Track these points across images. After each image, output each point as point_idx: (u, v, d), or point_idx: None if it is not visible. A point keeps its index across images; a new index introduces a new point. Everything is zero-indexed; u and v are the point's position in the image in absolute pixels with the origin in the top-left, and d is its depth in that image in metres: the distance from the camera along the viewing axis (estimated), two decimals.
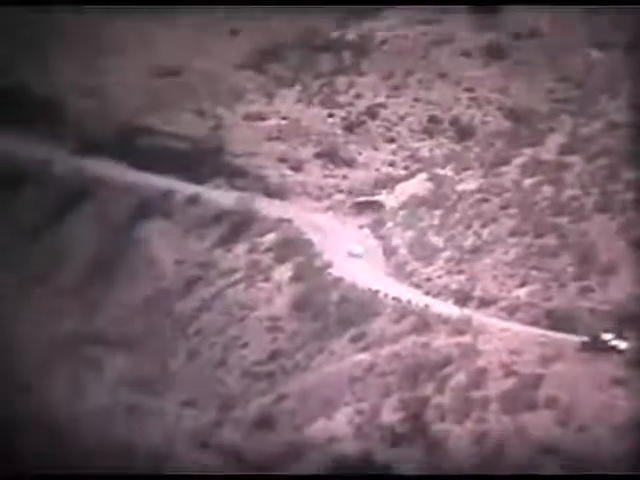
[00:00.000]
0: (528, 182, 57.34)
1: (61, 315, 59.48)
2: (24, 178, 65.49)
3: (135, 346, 56.81)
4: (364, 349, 50.42)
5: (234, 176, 61.51)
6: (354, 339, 51.01)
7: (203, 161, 62.77)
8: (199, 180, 62.15)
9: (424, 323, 49.77)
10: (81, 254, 61.67)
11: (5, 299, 60.52)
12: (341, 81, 65.50)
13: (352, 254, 60.04)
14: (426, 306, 51.11)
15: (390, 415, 47.25)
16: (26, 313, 59.68)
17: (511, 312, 50.85)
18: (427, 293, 53.24)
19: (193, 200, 60.43)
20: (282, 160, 61.59)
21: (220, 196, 60.84)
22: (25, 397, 57.39)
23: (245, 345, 53.75)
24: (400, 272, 55.13)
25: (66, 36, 73.78)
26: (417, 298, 52.35)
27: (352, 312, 51.97)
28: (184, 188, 61.52)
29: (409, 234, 56.83)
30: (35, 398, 56.87)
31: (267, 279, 55.42)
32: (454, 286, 52.68)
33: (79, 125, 67.69)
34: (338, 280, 53.57)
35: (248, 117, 63.92)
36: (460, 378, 46.58)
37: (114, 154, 65.60)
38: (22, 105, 69.70)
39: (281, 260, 55.80)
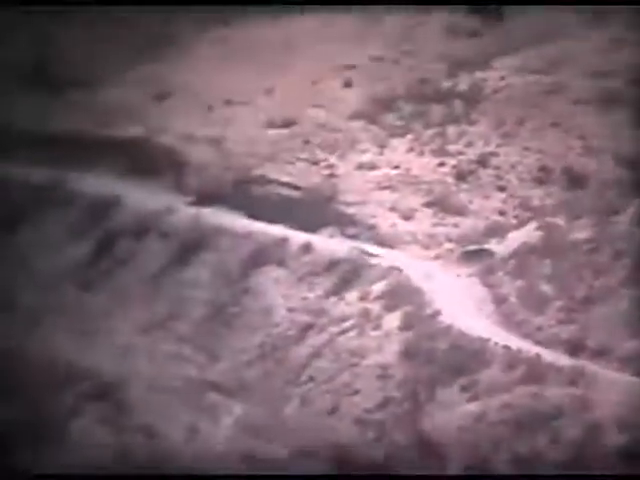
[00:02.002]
0: None
1: (180, 362, 58.76)
2: (148, 227, 65.23)
3: (249, 393, 55.60)
4: (474, 398, 47.84)
5: (345, 224, 59.72)
6: (464, 388, 48.45)
7: (316, 210, 61.35)
8: (312, 228, 60.47)
9: (535, 373, 47.00)
10: (199, 301, 60.82)
11: (127, 346, 60.18)
12: (452, 130, 63.12)
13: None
14: (537, 355, 48.10)
15: (501, 466, 45.56)
16: (148, 360, 59.23)
17: (624, 363, 47.81)
18: (538, 342, 50.22)
19: (306, 248, 58.65)
20: (393, 209, 59.51)
21: (332, 244, 59.08)
22: (145, 441, 57.11)
23: (356, 392, 51.95)
24: (510, 321, 52.28)
25: (189, 86, 73.81)
26: (527, 347, 49.43)
27: (462, 361, 49.49)
28: (297, 236, 59.81)
29: (519, 283, 54.41)
30: (155, 442, 56.38)
31: (377, 327, 53.22)
32: (565, 336, 49.84)
33: (199, 175, 67.36)
34: (448, 328, 51.03)
35: (360, 166, 62.06)
36: (573, 431, 44.09)
37: (231, 203, 64.97)
38: (146, 154, 69.97)
39: (391, 308, 53.54)
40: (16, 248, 66.98)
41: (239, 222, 61.98)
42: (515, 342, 50.19)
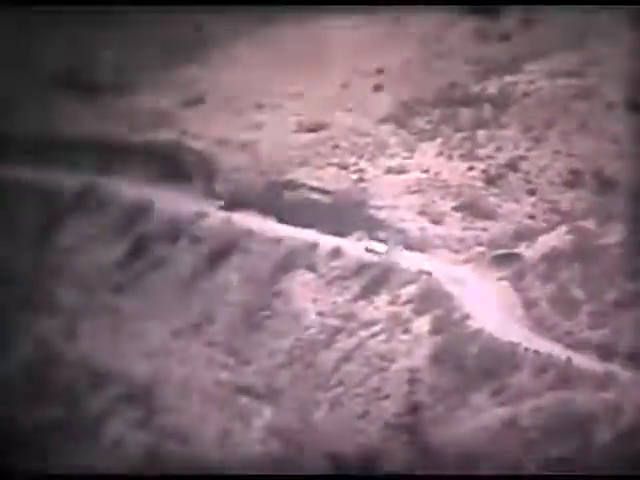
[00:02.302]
0: None
1: (211, 365, 58.64)
2: (180, 232, 65.06)
3: (280, 397, 55.39)
4: (504, 403, 47.46)
5: (375, 229, 59.17)
6: (494, 392, 48.02)
7: (346, 214, 60.94)
8: (342, 233, 60.16)
9: (566, 377, 46.57)
10: (230, 305, 60.73)
11: (159, 349, 60.15)
12: (481, 134, 62.40)
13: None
14: (568, 360, 47.63)
15: (532, 472, 45.55)
16: (180, 363, 59.19)
17: None
18: (568, 347, 49.51)
19: (336, 253, 58.42)
20: (422, 213, 58.95)
21: (361, 249, 58.42)
22: (177, 444, 57.11)
23: (386, 397, 51.64)
24: (540, 325, 51.59)
25: (221, 91, 73.67)
26: (558, 352, 48.83)
27: (492, 365, 49.01)
28: (327, 241, 59.61)
29: (549, 287, 53.70)
30: (187, 445, 56.41)
31: (407, 331, 52.93)
32: (596, 340, 49.21)
33: (230, 179, 67.23)
34: (478, 332, 50.62)
35: (390, 170, 61.56)
36: (604, 436, 43.86)
37: (262, 208, 64.63)
38: (178, 159, 69.89)
39: (421, 312, 53.23)
40: (53, 252, 67.36)
41: (269, 226, 61.89)
42: (546, 346, 49.68)
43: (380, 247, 59.36)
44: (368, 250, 59.55)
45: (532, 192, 59.65)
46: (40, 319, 63.82)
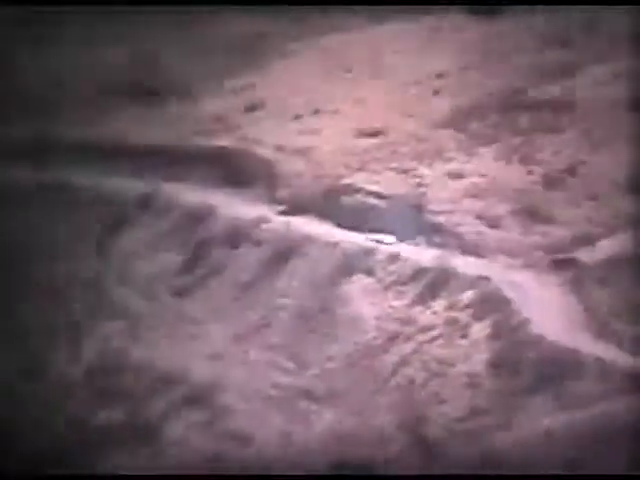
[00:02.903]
0: None
1: (271, 369, 58.18)
2: (241, 236, 64.66)
3: (339, 400, 54.72)
4: (564, 409, 46.38)
5: (432, 233, 58.31)
6: (554, 398, 47.03)
7: (404, 219, 60.11)
8: (399, 237, 59.17)
9: (628, 384, 45.26)
10: (289, 309, 60.21)
11: (220, 352, 59.84)
12: (540, 138, 61.28)
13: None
14: (630, 366, 46.27)
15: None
16: (241, 367, 58.73)
17: None
18: (631, 353, 48.04)
19: (394, 257, 57.59)
20: (480, 217, 57.79)
21: (419, 253, 57.71)
22: (238, 446, 56.76)
23: (445, 401, 50.84)
24: (602, 331, 50.25)
25: (281, 96, 73.31)
26: (620, 358, 47.59)
27: (552, 371, 47.99)
28: (385, 245, 58.79)
29: (610, 292, 52.30)
30: (250, 450, 55.83)
31: (465, 336, 52.10)
32: None
33: (290, 184, 66.65)
34: (537, 338, 49.48)
35: (448, 175, 60.63)
36: None
37: (321, 212, 63.88)
38: (239, 164, 69.58)
39: (479, 317, 52.28)
40: (117, 256, 67.56)
41: (328, 231, 61.35)
42: (607, 353, 48.36)
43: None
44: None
45: (592, 197, 58.23)
46: (104, 323, 64.14)
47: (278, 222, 63.33)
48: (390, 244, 59.53)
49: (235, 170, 68.53)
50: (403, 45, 74.84)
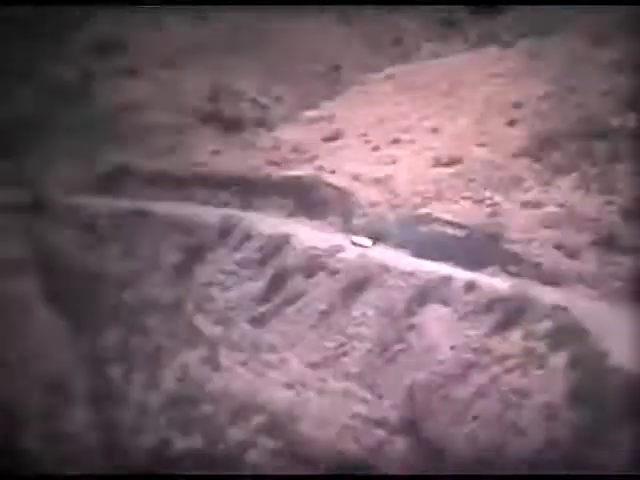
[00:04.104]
0: None
1: (348, 398, 57.96)
2: (317, 266, 64.16)
3: (415, 430, 54.38)
4: None
5: (509, 263, 57.52)
6: (637, 433, 46.50)
7: (480, 248, 59.31)
8: (475, 267, 58.55)
9: None
10: (365, 339, 59.92)
11: (297, 381, 59.91)
12: (619, 168, 59.89)
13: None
14: None
15: None
16: (318, 395, 58.65)
17: None
18: None
19: (470, 287, 57.16)
20: (558, 247, 57.01)
21: (496, 283, 56.90)
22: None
23: (522, 432, 50.32)
24: None
25: (360, 125, 73.40)
26: None
27: (633, 402, 47.33)
28: (461, 275, 58.29)
29: None
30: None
31: (542, 366, 51.51)
32: None
33: (366, 213, 66.56)
34: (617, 369, 48.93)
35: (525, 205, 59.91)
36: None
37: (397, 241, 63.62)
38: (316, 194, 69.78)
39: (556, 347, 51.69)
40: (195, 286, 67.95)
41: (404, 260, 61.06)
42: None
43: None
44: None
45: None
46: (183, 351, 64.75)
47: (354, 251, 63.29)
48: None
49: (312, 199, 68.71)
50: (480, 75, 74.67)
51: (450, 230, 60.93)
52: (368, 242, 62.86)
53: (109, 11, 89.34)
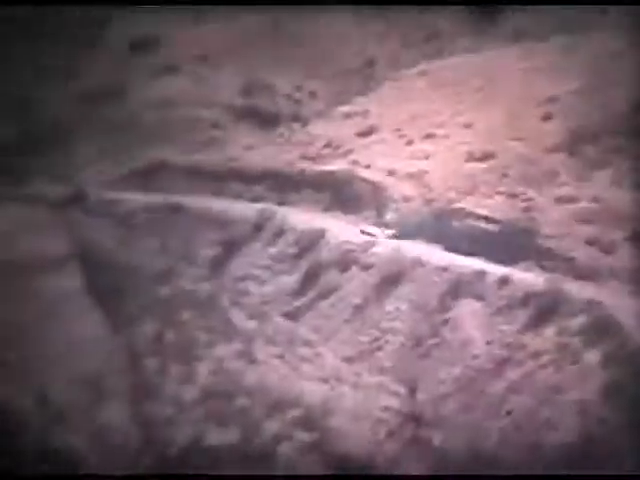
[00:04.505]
0: None
1: (382, 392, 57.94)
2: (351, 260, 64.34)
3: (449, 425, 54.30)
4: None
5: (543, 258, 57.51)
6: None
7: (514, 243, 59.28)
8: (509, 262, 58.55)
9: None
10: (399, 333, 59.94)
11: (332, 375, 59.90)
12: None
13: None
14: None
15: None
16: (352, 389, 58.48)
17: None
18: None
19: (504, 281, 56.98)
20: (592, 242, 56.99)
21: (530, 278, 56.86)
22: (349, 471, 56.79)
23: (556, 428, 50.16)
24: None
25: (393, 121, 73.30)
26: None
27: None
28: (495, 270, 58.16)
29: None
30: (359, 473, 55.88)
31: (576, 362, 51.54)
32: None
33: (400, 208, 66.58)
34: None
35: (559, 199, 59.81)
36: None
37: (431, 236, 63.66)
38: (350, 188, 69.74)
39: (591, 343, 51.68)
40: (230, 280, 68.28)
41: (438, 255, 60.98)
42: None
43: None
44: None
45: None
46: (218, 345, 64.99)
47: (388, 246, 63.16)
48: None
49: (346, 194, 68.75)
50: (514, 70, 74.35)
51: (484, 225, 60.91)
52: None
53: (142, 9, 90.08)
